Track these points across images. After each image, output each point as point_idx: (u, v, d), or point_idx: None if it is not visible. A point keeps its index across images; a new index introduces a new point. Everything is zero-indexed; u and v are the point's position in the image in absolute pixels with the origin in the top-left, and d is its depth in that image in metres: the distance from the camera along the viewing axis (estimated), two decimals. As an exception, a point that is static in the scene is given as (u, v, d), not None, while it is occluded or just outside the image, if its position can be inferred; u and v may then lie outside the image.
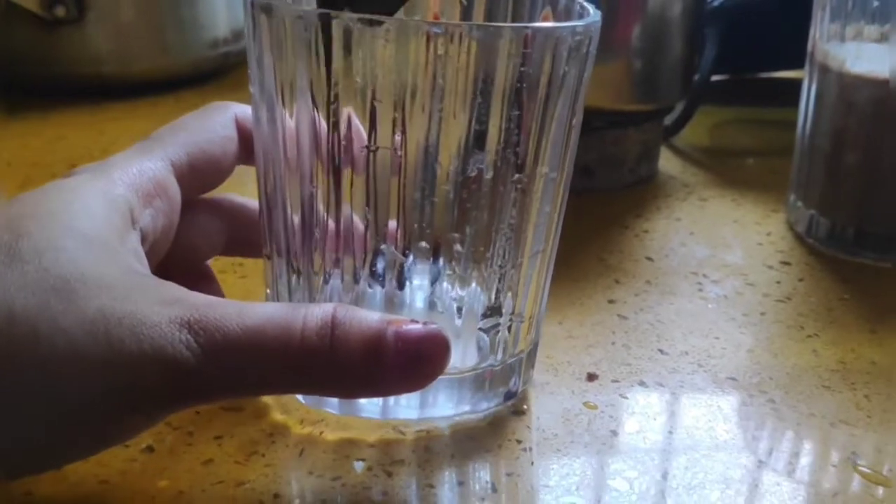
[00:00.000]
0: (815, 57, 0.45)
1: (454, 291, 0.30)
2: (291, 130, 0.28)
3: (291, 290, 0.31)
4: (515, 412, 0.32)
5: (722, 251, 0.46)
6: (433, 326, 0.26)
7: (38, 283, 0.24)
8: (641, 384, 0.34)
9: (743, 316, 0.40)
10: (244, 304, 0.25)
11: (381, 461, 0.29)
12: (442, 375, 0.27)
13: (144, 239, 0.29)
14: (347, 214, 0.28)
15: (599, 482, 0.29)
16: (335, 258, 0.29)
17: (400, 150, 0.27)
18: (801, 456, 0.31)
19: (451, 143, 0.27)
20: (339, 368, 0.25)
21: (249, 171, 0.33)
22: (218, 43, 0.65)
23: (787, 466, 0.31)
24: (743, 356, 0.36)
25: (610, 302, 0.40)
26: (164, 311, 0.24)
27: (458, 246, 0.29)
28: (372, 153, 0.27)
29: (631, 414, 0.33)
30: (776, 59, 0.67)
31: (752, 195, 0.53)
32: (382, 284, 0.29)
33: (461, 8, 0.34)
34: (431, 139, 0.27)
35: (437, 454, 0.30)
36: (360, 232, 0.29)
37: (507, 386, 0.32)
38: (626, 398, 0.33)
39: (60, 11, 0.59)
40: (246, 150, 0.32)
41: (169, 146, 0.31)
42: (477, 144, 0.28)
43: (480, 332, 0.31)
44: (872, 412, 0.33)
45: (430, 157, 0.28)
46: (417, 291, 0.30)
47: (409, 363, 0.26)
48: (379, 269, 0.29)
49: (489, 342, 0.31)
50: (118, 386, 0.24)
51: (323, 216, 0.29)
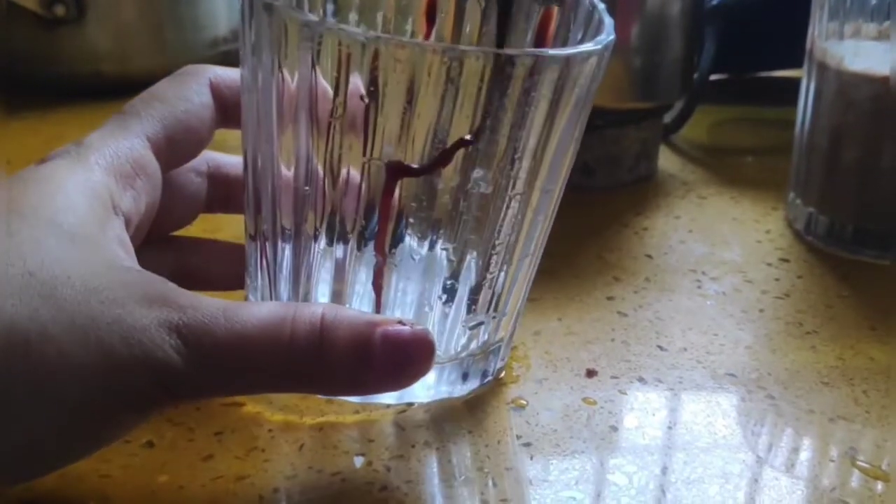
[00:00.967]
0: (813, 55, 0.45)
1: (442, 293, 0.30)
2: (290, 91, 0.28)
3: (278, 262, 0.30)
4: (515, 407, 0.32)
5: (721, 249, 0.46)
6: (419, 329, 0.27)
7: (25, 289, 0.24)
8: (640, 380, 0.34)
9: (742, 313, 0.40)
10: (231, 304, 0.25)
11: (380, 456, 0.29)
12: None
13: (128, 223, 0.28)
14: (344, 174, 0.28)
15: (598, 477, 0.29)
16: (329, 212, 0.28)
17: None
18: (799, 451, 0.31)
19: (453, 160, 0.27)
20: (327, 370, 0.26)
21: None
22: (217, 42, 0.65)
23: (785, 462, 0.31)
24: (742, 353, 0.36)
25: (609, 299, 0.40)
26: (151, 313, 0.24)
27: (450, 254, 0.29)
28: (368, 163, 0.27)
29: (630, 410, 0.33)
30: (775, 57, 0.67)
31: (751, 193, 0.53)
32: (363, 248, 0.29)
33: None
34: (433, 155, 0.27)
35: (437, 449, 0.30)
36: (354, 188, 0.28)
37: (484, 368, 0.33)
38: (625, 394, 0.33)
39: (60, 10, 0.59)
40: (224, 114, 0.32)
41: (145, 120, 0.30)
42: (480, 162, 0.28)
43: (464, 327, 0.31)
44: (871, 408, 0.33)
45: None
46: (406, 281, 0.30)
47: (395, 365, 0.26)
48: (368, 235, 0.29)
49: (471, 334, 0.31)
50: (111, 390, 0.24)
51: (319, 172, 0.28)
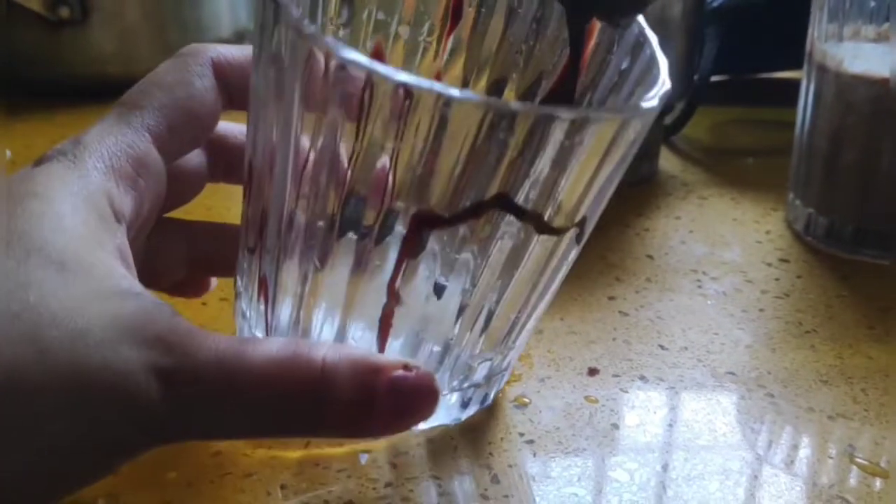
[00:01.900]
0: (813, 57, 0.46)
1: (452, 334, 0.29)
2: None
3: (279, 280, 0.28)
4: (518, 406, 0.33)
5: (721, 249, 0.46)
6: (424, 375, 0.26)
7: (8, 332, 0.22)
8: (642, 378, 0.35)
9: (742, 312, 0.40)
10: (227, 345, 0.24)
11: (386, 453, 0.30)
12: None
13: (130, 227, 0.27)
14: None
15: (600, 474, 0.30)
16: (352, 190, 0.26)
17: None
18: (799, 449, 0.32)
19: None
20: (326, 416, 0.25)
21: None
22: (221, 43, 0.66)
23: (785, 459, 0.31)
24: (742, 351, 0.37)
25: (611, 299, 0.41)
26: (140, 355, 0.23)
27: (465, 298, 0.28)
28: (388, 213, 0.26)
29: (631, 408, 0.33)
30: (776, 59, 0.67)
31: (751, 194, 0.53)
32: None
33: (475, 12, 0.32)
34: (463, 204, 0.25)
35: (441, 446, 0.30)
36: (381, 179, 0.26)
37: (486, 393, 0.32)
38: (626, 392, 0.34)
39: (64, 12, 0.59)
40: (229, 96, 0.30)
41: (146, 112, 0.28)
42: (512, 212, 0.26)
43: (470, 363, 0.30)
44: (869, 406, 0.33)
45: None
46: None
47: (398, 411, 0.26)
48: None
49: (477, 367, 0.30)
50: (93, 437, 0.23)
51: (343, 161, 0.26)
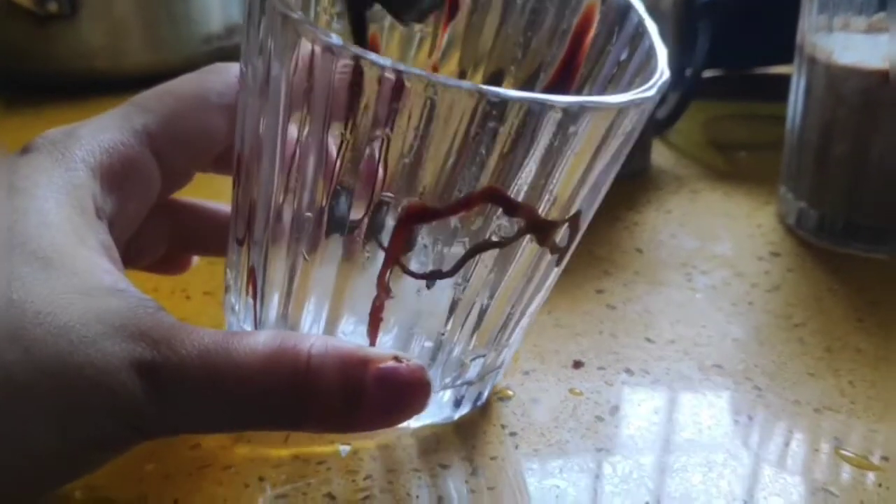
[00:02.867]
0: (803, 49, 0.45)
1: (444, 328, 0.28)
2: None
3: (267, 271, 0.28)
4: (501, 398, 0.32)
5: (712, 243, 0.46)
6: (415, 366, 0.25)
7: None
8: (627, 371, 0.34)
9: (731, 306, 0.40)
10: (211, 338, 0.24)
11: (366, 445, 0.30)
12: None
13: (113, 224, 0.27)
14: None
15: (583, 466, 0.29)
16: (340, 183, 0.26)
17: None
18: (786, 442, 0.31)
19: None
20: (312, 409, 0.24)
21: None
22: (211, 38, 0.65)
23: (770, 451, 0.31)
24: (729, 344, 0.37)
25: (598, 292, 0.40)
26: (124, 350, 0.23)
27: (458, 292, 0.27)
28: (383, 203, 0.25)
29: (616, 400, 0.33)
30: (768, 53, 0.67)
31: (743, 188, 0.53)
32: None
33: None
34: (455, 196, 0.25)
35: (422, 439, 0.30)
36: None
37: (479, 391, 0.31)
38: (611, 385, 0.34)
39: (53, 7, 0.59)
40: None
41: (150, 114, 0.29)
42: (503, 205, 0.25)
43: (463, 359, 0.29)
44: (856, 398, 0.33)
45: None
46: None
47: (388, 404, 0.25)
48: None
49: (470, 365, 0.30)
50: (78, 434, 0.23)
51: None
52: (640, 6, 0.29)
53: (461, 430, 0.31)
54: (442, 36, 0.33)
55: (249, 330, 0.29)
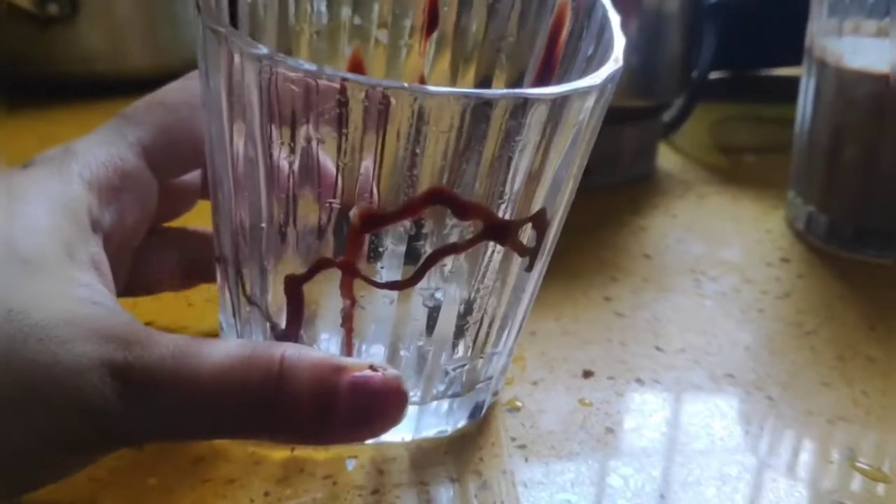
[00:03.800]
0: (812, 52, 0.45)
1: (419, 337, 0.28)
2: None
3: (241, 288, 0.28)
4: (510, 409, 0.32)
5: (720, 248, 0.45)
6: (392, 376, 0.24)
7: None
8: (638, 381, 0.34)
9: (741, 313, 0.39)
10: (185, 343, 0.24)
11: (373, 459, 0.29)
12: None
13: (109, 239, 0.27)
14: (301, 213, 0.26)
15: (594, 479, 0.29)
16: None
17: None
18: (798, 453, 0.31)
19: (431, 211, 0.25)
20: (284, 418, 0.24)
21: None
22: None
23: (784, 463, 0.30)
24: (740, 353, 0.36)
25: (606, 299, 0.40)
26: (95, 352, 0.23)
27: (426, 299, 0.27)
28: (337, 209, 0.25)
29: (627, 411, 0.32)
30: (775, 55, 0.66)
31: (751, 192, 0.52)
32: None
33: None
34: (403, 200, 0.25)
35: (430, 451, 0.29)
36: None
37: (474, 404, 0.30)
38: (621, 395, 0.33)
39: (53, 9, 0.58)
40: None
41: (142, 126, 0.29)
42: (449, 206, 0.25)
43: (445, 369, 0.29)
44: (870, 409, 0.33)
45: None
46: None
47: (362, 415, 0.25)
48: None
49: (454, 376, 0.29)
50: (44, 436, 0.23)
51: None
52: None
53: (470, 442, 0.30)
54: (425, 46, 0.32)
55: None
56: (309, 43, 0.31)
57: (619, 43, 0.27)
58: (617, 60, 0.26)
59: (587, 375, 0.34)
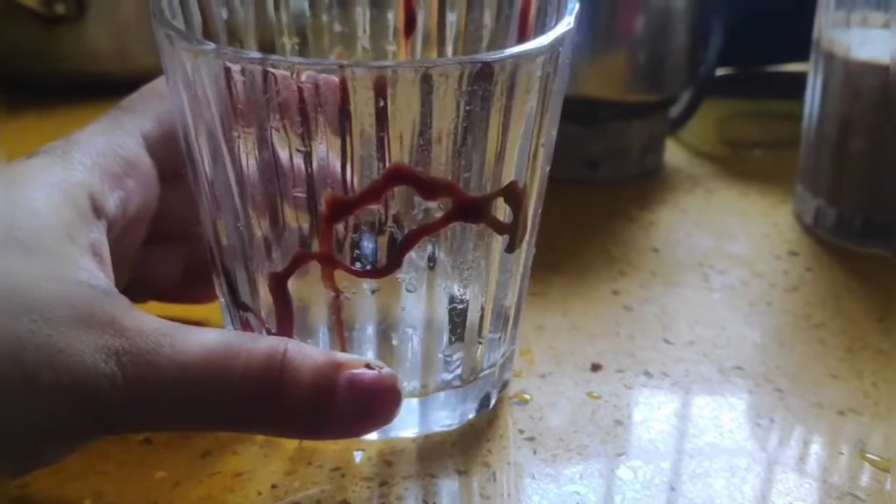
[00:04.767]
0: (820, 44, 0.45)
1: (409, 325, 0.28)
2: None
3: (231, 289, 0.28)
4: (518, 402, 0.32)
5: (728, 242, 0.45)
6: (386, 374, 0.25)
7: None
8: (646, 374, 0.34)
9: (749, 306, 0.39)
10: (184, 329, 0.24)
11: (381, 451, 0.29)
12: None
13: (112, 225, 0.27)
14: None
15: (603, 472, 0.29)
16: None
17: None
18: (808, 445, 0.31)
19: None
20: (284, 411, 0.24)
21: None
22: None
23: (793, 456, 0.30)
24: (749, 346, 0.36)
25: (614, 293, 0.40)
26: (91, 337, 0.23)
27: (407, 284, 0.27)
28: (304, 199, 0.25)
29: (635, 404, 0.32)
30: (783, 50, 0.66)
31: (759, 187, 0.52)
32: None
33: None
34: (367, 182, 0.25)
35: (438, 444, 0.29)
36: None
37: (481, 395, 0.30)
38: (630, 388, 0.33)
39: (60, 9, 0.58)
40: None
41: (139, 116, 0.29)
42: (412, 184, 0.25)
43: (443, 358, 0.29)
44: (880, 400, 0.33)
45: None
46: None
47: (358, 411, 0.25)
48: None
49: (452, 365, 0.29)
50: (31, 418, 0.23)
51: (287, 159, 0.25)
52: None
53: (478, 435, 0.30)
54: (406, 48, 0.33)
55: None
56: (291, 49, 0.32)
57: (573, 7, 0.27)
58: (569, 23, 0.26)
59: (596, 369, 0.34)
